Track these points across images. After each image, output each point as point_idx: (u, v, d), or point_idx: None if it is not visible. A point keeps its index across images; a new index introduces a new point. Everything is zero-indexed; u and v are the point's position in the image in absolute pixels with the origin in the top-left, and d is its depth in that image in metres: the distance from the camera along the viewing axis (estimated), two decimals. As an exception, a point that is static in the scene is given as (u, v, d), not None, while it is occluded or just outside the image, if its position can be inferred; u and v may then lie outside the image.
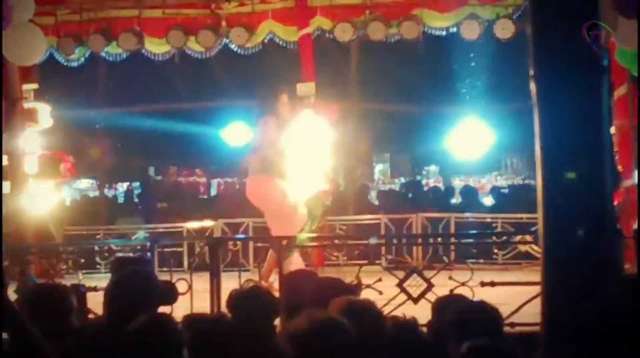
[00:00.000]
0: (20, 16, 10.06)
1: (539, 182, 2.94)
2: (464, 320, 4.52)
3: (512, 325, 7.07)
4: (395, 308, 7.55)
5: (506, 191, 16.72)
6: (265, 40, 13.50)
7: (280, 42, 13.52)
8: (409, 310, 6.49)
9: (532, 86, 2.90)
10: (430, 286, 8.02)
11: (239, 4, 13.47)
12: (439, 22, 12.93)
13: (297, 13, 13.38)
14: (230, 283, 7.81)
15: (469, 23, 12.61)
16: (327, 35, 13.28)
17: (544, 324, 2.99)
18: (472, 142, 14.50)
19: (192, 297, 8.38)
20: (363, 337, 4.31)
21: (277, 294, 6.66)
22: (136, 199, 19.62)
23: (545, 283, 2.94)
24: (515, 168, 25.35)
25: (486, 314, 4.60)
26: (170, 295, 5.38)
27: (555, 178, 2.88)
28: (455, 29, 12.79)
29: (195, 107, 18.47)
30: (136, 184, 23.25)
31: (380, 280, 8.33)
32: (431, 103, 18.35)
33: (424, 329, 5.09)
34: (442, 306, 5.20)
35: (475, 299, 5.76)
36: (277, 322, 5.29)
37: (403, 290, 8.16)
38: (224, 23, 13.35)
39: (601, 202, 2.89)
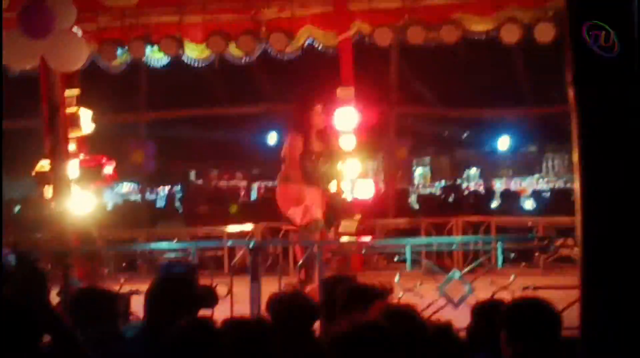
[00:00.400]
0: (62, 23, 10.14)
1: (577, 186, 2.92)
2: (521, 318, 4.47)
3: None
4: (435, 312, 7.53)
5: (547, 194, 16.59)
6: (305, 45, 13.51)
7: (320, 47, 13.53)
8: (449, 315, 6.49)
9: (570, 92, 2.88)
10: (470, 290, 7.99)
11: (279, 9, 13.49)
12: (478, 26, 12.88)
13: (336, 18, 13.38)
14: (270, 286, 7.83)
15: (508, 27, 12.53)
16: (366, 39, 13.27)
17: (583, 329, 2.97)
18: (511, 145, 14.40)
19: (233, 301, 8.42)
20: (403, 342, 4.34)
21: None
22: (177, 203, 19.72)
23: (584, 289, 2.92)
24: (556, 171, 25.20)
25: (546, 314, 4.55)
26: (210, 298, 5.40)
27: (595, 183, 2.86)
28: (494, 33, 12.72)
29: (235, 112, 18.53)
30: (177, 188, 23.42)
31: (421, 283, 8.32)
32: (471, 106, 18.29)
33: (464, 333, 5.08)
34: (483, 310, 5.17)
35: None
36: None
37: (443, 294, 8.14)
38: (263, 28, 13.37)
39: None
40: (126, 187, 24.56)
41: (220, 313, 6.58)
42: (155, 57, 13.75)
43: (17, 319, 3.72)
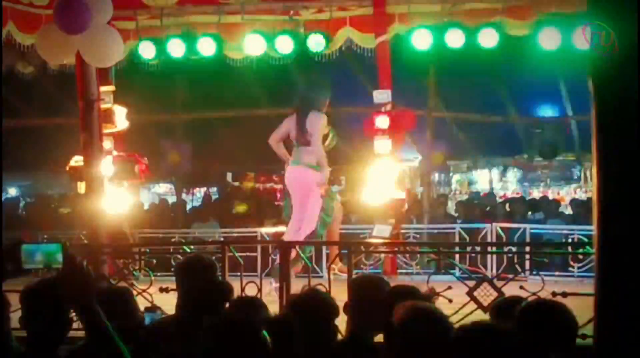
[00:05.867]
0: (99, 19, 10.18)
1: (594, 184, 2.83)
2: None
3: (584, 336, 6.91)
4: (464, 317, 7.44)
5: (585, 203, 16.41)
6: (343, 47, 13.47)
7: (358, 49, 13.48)
8: (478, 319, 6.39)
9: (590, 84, 2.79)
10: (500, 295, 7.89)
11: (318, 10, 13.49)
12: (518, 30, 12.78)
13: (375, 20, 13.34)
14: (300, 287, 7.77)
15: (548, 31, 12.41)
16: (404, 42, 13.20)
17: (597, 339, 2.89)
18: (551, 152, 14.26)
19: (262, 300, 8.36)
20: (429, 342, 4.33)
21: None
22: (213, 204, 19.72)
23: (599, 296, 2.83)
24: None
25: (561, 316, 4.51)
26: (226, 291, 5.38)
27: (613, 181, 2.77)
28: (534, 37, 12.61)
29: (273, 114, 18.51)
30: (213, 189, 23.43)
31: (449, 287, 8.23)
32: (510, 112, 18.14)
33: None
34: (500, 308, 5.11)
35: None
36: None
37: (473, 299, 8.06)
38: (302, 29, 13.36)
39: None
40: (163, 187, 24.64)
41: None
42: (194, 56, 13.75)
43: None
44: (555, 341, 4.28)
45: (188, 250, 10.05)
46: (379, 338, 5.14)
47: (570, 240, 12.87)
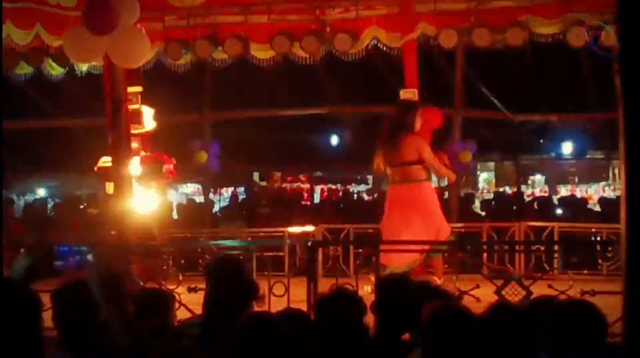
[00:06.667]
0: (126, 19, 10.23)
1: (622, 182, 2.82)
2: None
3: (613, 335, 6.88)
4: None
5: (614, 201, 16.32)
6: (369, 47, 13.45)
7: (384, 48, 13.47)
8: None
9: (617, 81, 2.78)
10: (528, 293, 7.88)
11: (344, 10, 13.46)
12: (545, 29, 12.72)
13: (401, 19, 13.29)
14: (327, 287, 7.77)
15: (575, 30, 12.36)
16: (431, 41, 13.19)
17: (626, 337, 2.88)
18: (577, 151, 14.19)
19: (289, 301, 8.40)
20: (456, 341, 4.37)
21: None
22: (240, 204, 19.78)
23: (627, 295, 2.82)
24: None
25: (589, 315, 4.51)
26: (253, 290, 5.40)
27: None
28: (561, 36, 12.57)
29: (299, 114, 18.54)
30: (240, 189, 23.48)
31: (477, 286, 8.23)
32: (537, 111, 18.07)
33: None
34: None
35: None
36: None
37: (500, 297, 8.05)
38: (328, 29, 13.35)
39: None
40: (190, 188, 24.73)
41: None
42: (220, 57, 13.79)
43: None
44: (585, 339, 4.27)
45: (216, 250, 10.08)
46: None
47: (598, 238, 12.82)
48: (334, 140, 22.25)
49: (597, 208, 17.12)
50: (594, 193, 22.89)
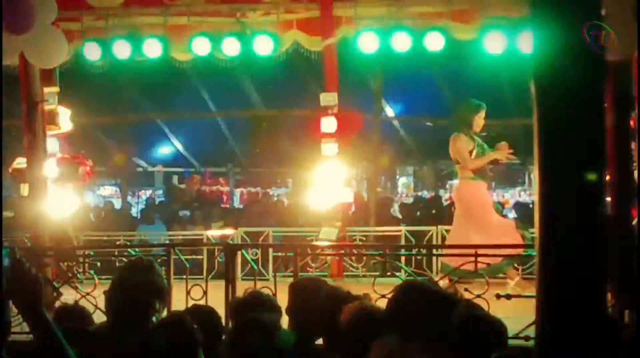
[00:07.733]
0: (43, 19, 10.06)
1: (536, 185, 2.85)
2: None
3: (527, 338, 6.96)
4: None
5: (530, 206, 16.55)
6: (290, 50, 13.44)
7: (304, 52, 13.47)
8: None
9: (532, 86, 2.81)
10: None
11: (264, 13, 13.45)
12: (463, 34, 12.86)
13: (322, 23, 13.32)
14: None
15: (493, 35, 12.51)
16: (351, 45, 13.22)
17: (538, 340, 2.91)
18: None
19: (207, 304, 8.32)
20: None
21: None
22: (157, 207, 19.59)
23: (540, 299, 2.85)
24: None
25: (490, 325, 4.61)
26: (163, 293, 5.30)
27: (554, 184, 2.79)
28: (479, 41, 12.70)
29: (220, 115, 18.49)
30: (159, 192, 23.27)
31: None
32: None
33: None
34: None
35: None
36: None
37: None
38: (248, 31, 13.32)
39: (602, 211, 2.78)
40: (108, 190, 24.41)
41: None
42: (139, 58, 13.66)
43: None
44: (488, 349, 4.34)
45: (133, 253, 9.96)
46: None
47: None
48: (255, 143, 22.14)
49: (513, 213, 17.34)
50: (510, 197, 23.17)
